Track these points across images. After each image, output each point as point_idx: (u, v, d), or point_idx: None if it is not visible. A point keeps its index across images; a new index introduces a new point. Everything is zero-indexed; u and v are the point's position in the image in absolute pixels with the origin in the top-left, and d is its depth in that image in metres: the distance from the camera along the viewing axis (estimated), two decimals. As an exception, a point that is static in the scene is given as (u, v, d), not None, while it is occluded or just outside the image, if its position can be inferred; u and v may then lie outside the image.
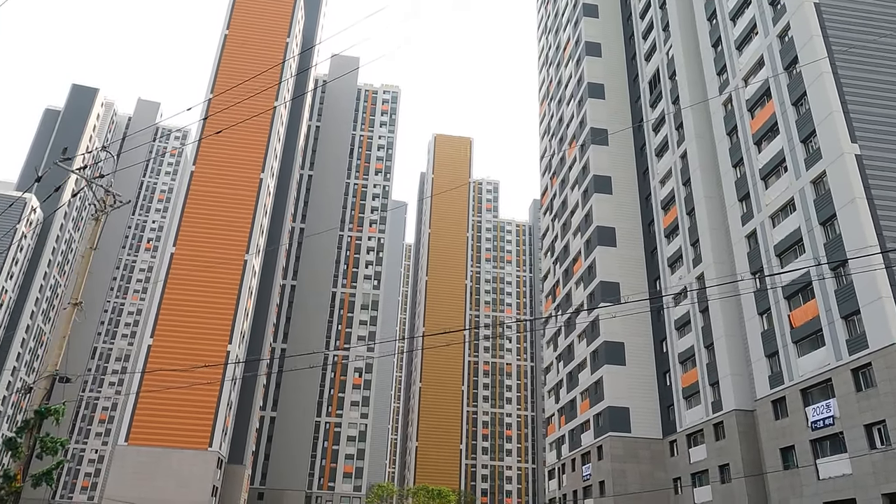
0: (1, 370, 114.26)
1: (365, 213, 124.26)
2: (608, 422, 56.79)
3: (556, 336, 74.10)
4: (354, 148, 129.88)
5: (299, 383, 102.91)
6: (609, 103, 71.07)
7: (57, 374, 21.67)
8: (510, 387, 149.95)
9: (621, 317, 58.95)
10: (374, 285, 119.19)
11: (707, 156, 54.84)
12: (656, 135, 63.68)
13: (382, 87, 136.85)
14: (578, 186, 71.29)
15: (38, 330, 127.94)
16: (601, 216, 65.03)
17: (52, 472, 21.32)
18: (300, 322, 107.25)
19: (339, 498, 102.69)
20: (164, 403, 71.37)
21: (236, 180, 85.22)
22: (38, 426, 20.91)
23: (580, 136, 72.74)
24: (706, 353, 50.76)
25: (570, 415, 66.96)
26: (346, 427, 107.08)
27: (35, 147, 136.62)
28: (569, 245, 73.03)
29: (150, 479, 69.08)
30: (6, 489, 19.62)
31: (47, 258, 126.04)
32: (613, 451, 55.61)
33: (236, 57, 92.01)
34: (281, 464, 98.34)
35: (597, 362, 60.83)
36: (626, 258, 63.37)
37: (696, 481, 50.35)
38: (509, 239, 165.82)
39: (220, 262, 79.03)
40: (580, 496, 61.70)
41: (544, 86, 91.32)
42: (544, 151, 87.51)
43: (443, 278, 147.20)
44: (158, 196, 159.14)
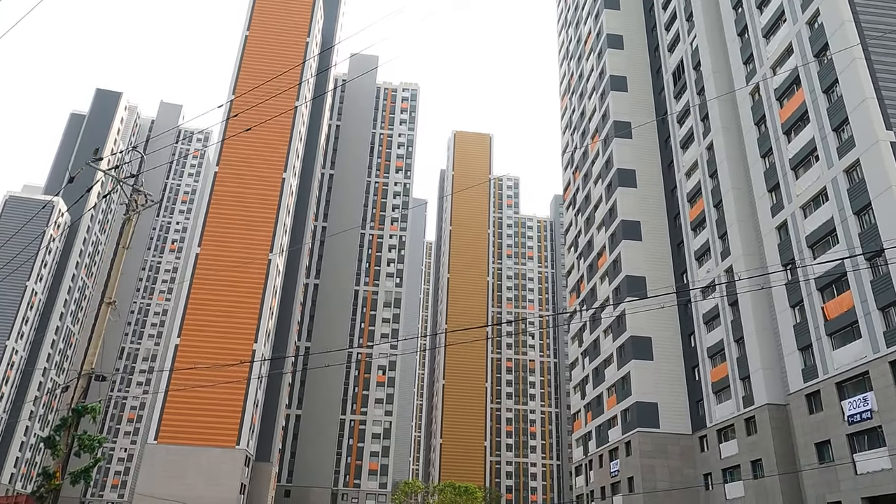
0: (32, 371, 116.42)
1: (386, 211, 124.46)
2: (636, 417, 56.21)
3: (581, 332, 73.56)
4: (375, 146, 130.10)
5: (324, 381, 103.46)
6: (632, 96, 70.28)
7: (93, 373, 21.89)
8: (533, 383, 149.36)
9: (648, 311, 58.21)
10: (397, 283, 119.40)
11: (734, 147, 53.97)
12: (681, 127, 62.85)
13: (402, 84, 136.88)
14: (602, 180, 70.63)
15: (67, 331, 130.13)
16: (626, 210, 64.36)
17: (90, 469, 21.59)
18: (324, 320, 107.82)
19: (366, 495, 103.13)
20: (192, 402, 72.16)
21: (259, 180, 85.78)
22: (76, 424, 21.14)
23: (603, 130, 72.05)
24: (736, 347, 50.00)
25: (597, 411, 66.43)
26: (371, 424, 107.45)
27: (61, 151, 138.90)
28: (593, 240, 72.41)
29: (180, 476, 69.91)
30: (46, 487, 19.86)
31: (75, 260, 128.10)
32: (642, 446, 55.03)
33: (257, 58, 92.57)
34: (307, 461, 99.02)
35: (624, 357, 60.26)
36: (652, 252, 62.63)
37: (727, 477, 49.64)
38: (530, 235, 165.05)
39: (244, 261, 79.64)
40: (608, 492, 61.20)
41: (565, 80, 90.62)
42: (566, 146, 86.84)
43: (465, 275, 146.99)
44: (182, 197, 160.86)
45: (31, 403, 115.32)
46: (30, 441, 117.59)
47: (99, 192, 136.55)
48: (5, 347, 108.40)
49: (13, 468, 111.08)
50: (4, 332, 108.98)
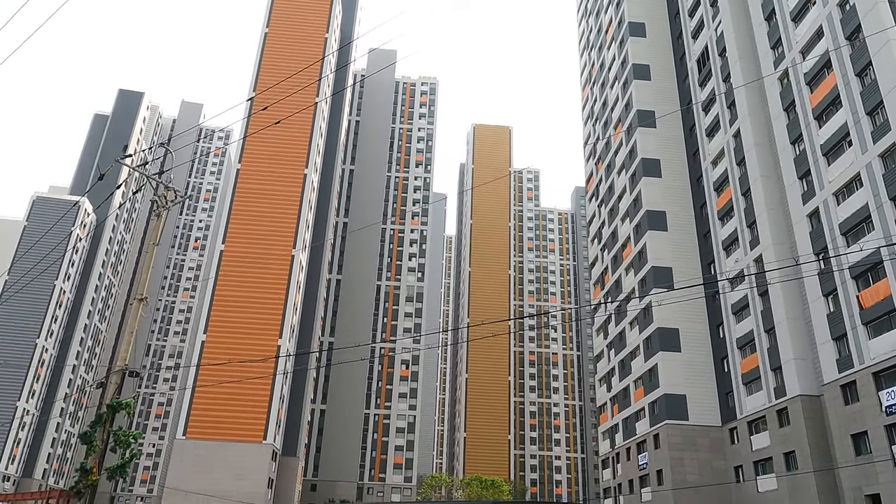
0: (62, 368, 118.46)
1: (407, 206, 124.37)
2: (664, 409, 55.59)
3: (607, 324, 72.92)
4: (394, 141, 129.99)
5: (348, 376, 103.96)
6: (655, 84, 69.28)
7: (126, 369, 22.00)
8: (556, 376, 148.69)
9: (675, 302, 57.55)
10: (419, 277, 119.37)
11: (762, 133, 52.94)
12: (706, 114, 61.83)
13: (420, 79, 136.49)
14: (626, 171, 69.79)
15: (95, 329, 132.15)
16: (651, 200, 63.55)
17: (125, 465, 21.71)
18: (346, 316, 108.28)
19: (391, 489, 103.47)
20: (219, 398, 72.82)
21: (281, 177, 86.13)
22: (111, 420, 21.28)
23: (626, 119, 71.16)
24: (767, 338, 49.13)
25: (624, 403, 65.84)
26: (395, 418, 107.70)
27: (86, 152, 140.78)
28: (617, 231, 71.65)
29: (208, 471, 70.66)
30: (84, 482, 20.00)
31: (101, 259, 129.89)
32: (670, 439, 54.43)
33: (277, 54, 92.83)
34: (332, 455, 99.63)
35: (650, 349, 59.60)
36: (678, 242, 61.80)
37: (759, 469, 48.89)
38: (551, 227, 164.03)
39: (268, 257, 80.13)
40: (636, 485, 60.67)
41: (586, 70, 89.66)
42: (588, 136, 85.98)
43: (486, 269, 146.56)
44: (204, 196, 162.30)
45: (62, 401, 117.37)
46: (61, 438, 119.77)
47: (124, 192, 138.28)
48: (35, 345, 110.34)
49: (45, 464, 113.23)
50: (35, 330, 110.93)
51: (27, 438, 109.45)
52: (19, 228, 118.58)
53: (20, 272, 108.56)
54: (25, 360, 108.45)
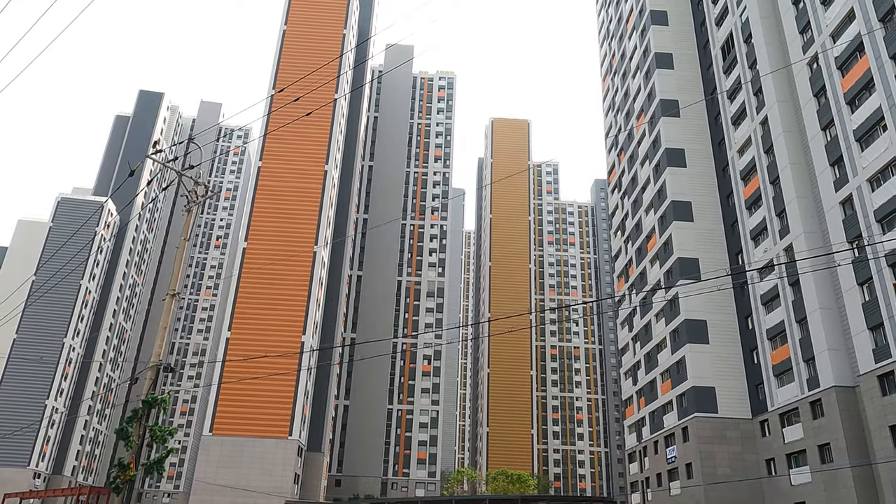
0: (89, 367, 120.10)
1: (426, 201, 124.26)
2: (693, 402, 54.86)
3: (632, 316, 72.16)
4: (413, 136, 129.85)
5: (370, 372, 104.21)
6: (678, 73, 68.26)
7: (161, 364, 22.03)
8: (579, 370, 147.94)
9: (702, 294, 56.75)
10: (439, 272, 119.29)
11: (791, 120, 51.88)
12: (731, 102, 60.76)
13: (438, 73, 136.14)
14: (649, 161, 68.90)
15: (120, 328, 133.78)
16: (675, 190, 62.67)
17: (162, 460, 21.76)
18: (368, 312, 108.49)
19: (415, 484, 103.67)
20: (245, 394, 73.30)
21: (302, 173, 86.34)
22: (147, 415, 21.32)
23: (649, 109, 70.23)
24: (798, 329, 48.21)
25: (650, 396, 65.15)
26: (418, 414, 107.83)
27: (108, 153, 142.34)
28: (641, 222, 70.82)
29: (236, 467, 71.23)
30: (121, 478, 20.05)
31: (125, 259, 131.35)
32: (700, 432, 53.71)
33: (295, 52, 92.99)
34: (356, 451, 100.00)
35: (678, 341, 58.85)
36: (704, 233, 60.89)
37: (791, 462, 48.06)
38: (571, 221, 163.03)
39: (290, 254, 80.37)
40: (665, 479, 60.01)
41: (606, 60, 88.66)
42: (609, 128, 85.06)
43: (506, 263, 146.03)
44: (225, 194, 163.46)
45: (90, 399, 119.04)
46: (89, 435, 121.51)
47: (146, 192, 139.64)
48: (63, 345, 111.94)
49: (75, 461, 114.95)
50: (62, 329, 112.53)
51: (56, 436, 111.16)
52: (45, 230, 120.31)
53: (46, 273, 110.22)
54: (53, 359, 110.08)
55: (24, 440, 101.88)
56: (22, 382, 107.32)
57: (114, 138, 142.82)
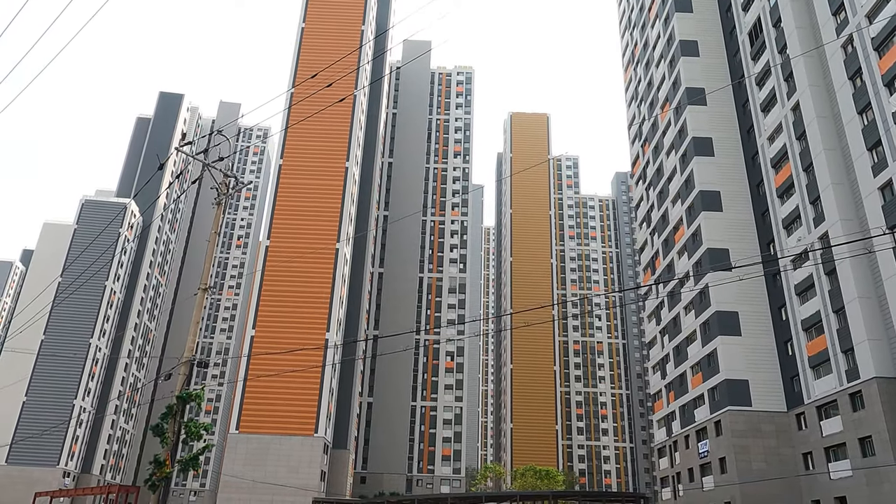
0: (115, 367, 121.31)
1: (447, 197, 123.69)
2: (725, 395, 53.73)
3: (659, 309, 71.00)
4: (431, 132, 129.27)
5: (393, 369, 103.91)
6: (704, 61, 66.94)
7: (194, 359, 21.69)
8: (602, 365, 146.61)
9: (733, 285, 55.57)
10: (461, 268, 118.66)
11: (824, 105, 50.50)
12: (760, 89, 59.37)
13: (456, 68, 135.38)
14: (675, 151, 67.67)
15: (145, 327, 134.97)
16: (703, 180, 61.44)
17: (198, 456, 21.42)
18: (390, 308, 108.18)
19: (440, 481, 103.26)
20: (270, 392, 73.32)
21: (323, 170, 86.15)
22: (182, 411, 20.98)
23: (674, 98, 68.97)
24: (835, 319, 46.93)
25: (680, 390, 64.02)
26: (442, 410, 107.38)
27: (130, 154, 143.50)
28: (667, 213, 69.62)
29: (262, 464, 71.28)
30: (157, 474, 19.74)
31: (148, 259, 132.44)
32: (733, 426, 52.58)
33: (314, 48, 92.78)
34: (380, 448, 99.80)
35: (708, 334, 57.70)
36: (734, 223, 59.65)
37: (830, 456, 46.82)
38: (592, 215, 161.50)
39: (313, 251, 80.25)
40: (697, 474, 58.92)
41: (628, 50, 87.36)
42: (632, 118, 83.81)
43: (527, 258, 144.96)
44: (245, 194, 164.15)
45: (117, 398, 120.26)
46: (116, 434, 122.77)
47: (168, 194, 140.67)
48: (90, 345, 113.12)
49: (103, 460, 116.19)
50: (88, 330, 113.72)
51: (85, 435, 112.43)
52: (70, 232, 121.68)
53: (72, 274, 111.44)
54: (80, 359, 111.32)
55: (53, 440, 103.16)
56: (50, 383, 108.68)
57: (135, 140, 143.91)
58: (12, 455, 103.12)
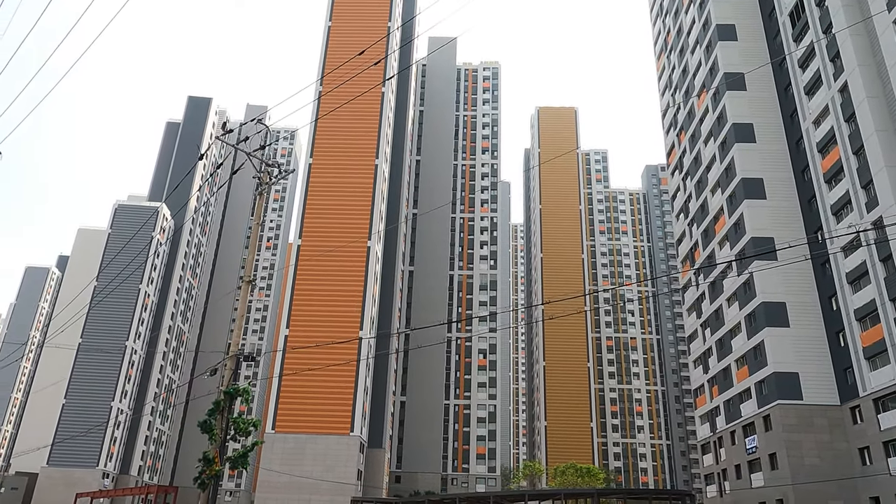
0: (151, 369, 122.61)
1: (475, 194, 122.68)
2: (775, 389, 51.86)
3: (700, 302, 69.10)
4: (459, 129, 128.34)
5: (425, 367, 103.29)
6: (742, 44, 64.95)
7: (241, 353, 21.04)
8: (636, 361, 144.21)
9: (779, 275, 53.70)
10: (491, 265, 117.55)
11: (874, 85, 48.39)
12: (804, 71, 57.27)
13: (482, 64, 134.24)
14: (714, 139, 65.77)
15: (178, 329, 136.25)
16: (745, 167, 59.52)
17: (247, 454, 20.76)
18: (421, 306, 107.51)
19: (475, 479, 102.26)
20: (306, 391, 73.08)
21: (352, 168, 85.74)
22: (229, 407, 20.35)
23: (711, 85, 67.04)
24: (892, 307, 44.85)
25: (724, 384, 62.14)
26: (476, 408, 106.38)
27: (161, 160, 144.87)
28: (707, 203, 67.71)
29: (299, 464, 71.03)
30: (207, 472, 19.10)
31: (180, 262, 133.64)
32: (784, 420, 50.72)
33: (341, 46, 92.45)
34: (414, 447, 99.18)
35: (754, 326, 55.82)
36: (779, 210, 57.66)
37: (890, 451, 44.77)
38: (623, 209, 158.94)
39: (344, 250, 79.86)
40: (744, 470, 57.06)
41: (660, 38, 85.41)
42: (666, 107, 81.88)
43: (558, 254, 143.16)
44: (274, 196, 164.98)
45: (153, 400, 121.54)
46: (153, 435, 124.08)
47: (198, 197, 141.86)
48: (125, 347, 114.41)
49: (140, 461, 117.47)
50: (124, 332, 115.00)
51: (122, 437, 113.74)
52: (103, 237, 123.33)
53: (107, 278, 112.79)
54: (117, 361, 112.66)
55: (92, 441, 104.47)
56: (88, 385, 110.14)
57: (166, 144, 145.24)
58: (53, 456, 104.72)
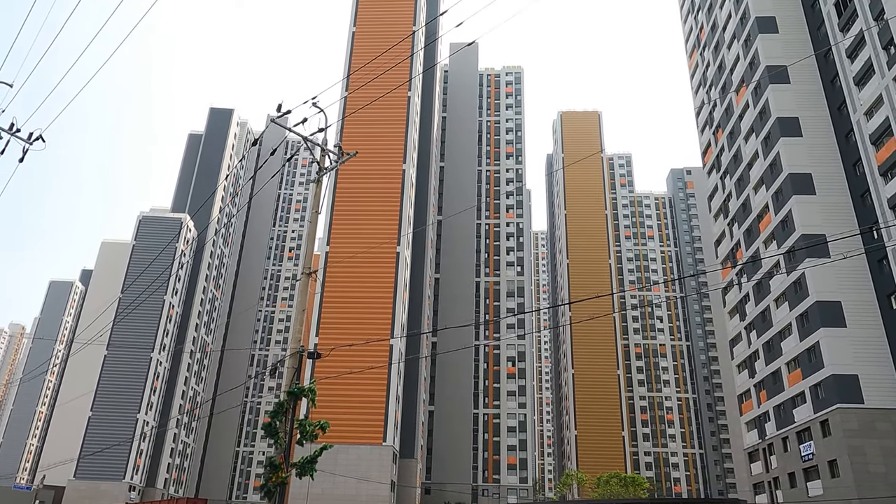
0: (175, 381, 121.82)
1: (500, 200, 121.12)
2: (833, 392, 49.39)
3: (743, 304, 66.68)
4: (482, 134, 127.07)
5: (454, 376, 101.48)
6: (783, 36, 62.91)
7: (303, 350, 19.50)
8: (666, 369, 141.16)
9: (833, 273, 51.41)
10: (518, 271, 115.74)
11: (934, 71, 46.19)
12: (853, 61, 55.11)
13: (504, 69, 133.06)
14: (756, 134, 63.64)
15: (202, 341, 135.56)
16: (792, 162, 57.32)
17: (315, 459, 19.16)
18: (447, 314, 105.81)
19: (506, 490, 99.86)
20: (337, 400, 71.40)
21: (380, 173, 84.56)
22: (294, 408, 18.79)
23: (751, 79, 65.00)
24: (962, 303, 42.46)
25: (773, 389, 59.63)
26: (505, 418, 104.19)
27: (183, 171, 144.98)
28: (749, 201, 65.47)
29: (330, 474, 69.18)
30: (274, 480, 17.51)
31: (204, 273, 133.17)
32: (845, 425, 48.20)
33: (365, 51, 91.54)
34: (444, 457, 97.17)
35: (807, 326, 53.41)
36: (829, 206, 55.33)
37: (964, 456, 42.22)
38: (648, 214, 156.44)
39: (373, 256, 78.47)
40: (799, 479, 54.43)
41: (692, 35, 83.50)
42: (701, 105, 79.83)
43: (584, 260, 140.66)
44: (295, 206, 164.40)
45: (178, 412, 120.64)
46: (178, 448, 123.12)
47: (221, 208, 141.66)
48: (151, 359, 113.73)
49: (166, 473, 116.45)
50: (149, 344, 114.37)
51: (148, 449, 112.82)
52: (127, 249, 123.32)
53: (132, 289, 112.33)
54: (143, 373, 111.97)
55: (118, 454, 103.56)
56: (114, 398, 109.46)
57: (188, 156, 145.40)
58: (80, 469, 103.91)
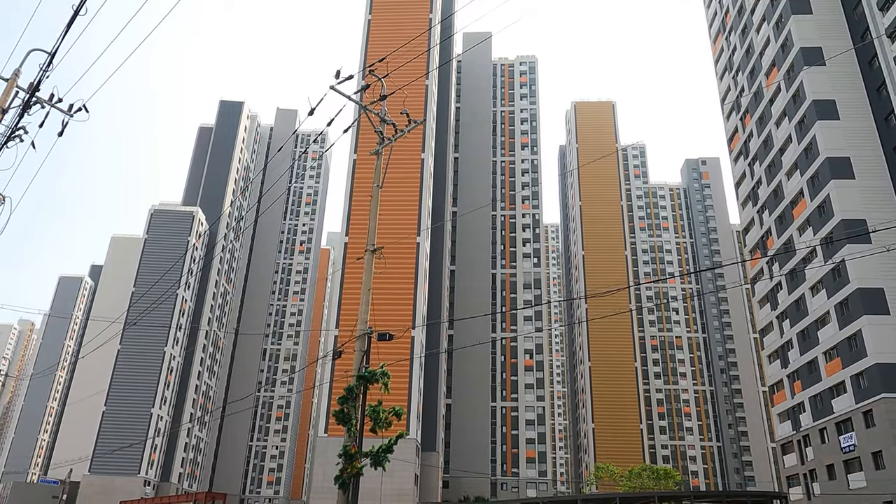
0: (189, 374, 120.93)
1: (516, 190, 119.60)
2: (878, 381, 47.94)
3: (774, 293, 65.15)
4: (497, 125, 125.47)
5: (471, 369, 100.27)
6: (818, 17, 61.17)
7: (370, 331, 18.19)
8: (682, 361, 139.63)
9: (875, 259, 49.83)
10: (534, 263, 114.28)
11: (984, 48, 44.53)
12: (893, 42, 53.41)
13: (518, 58, 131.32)
14: (788, 118, 62.00)
15: (214, 335, 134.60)
16: (830, 146, 55.72)
17: (390, 449, 17.85)
18: (464, 306, 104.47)
19: (525, 483, 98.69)
20: (358, 393, 70.25)
21: (398, 162, 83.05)
22: (364, 394, 17.49)
23: (783, 62, 63.29)
24: None
25: (809, 379, 58.17)
26: (524, 410, 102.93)
27: (194, 165, 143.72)
28: (780, 187, 63.89)
29: (353, 469, 68.17)
30: (349, 470, 16.21)
31: (216, 267, 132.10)
32: (890, 415, 46.76)
33: (382, 39, 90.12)
34: (462, 451, 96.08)
35: (847, 314, 51.92)
36: (869, 190, 53.77)
37: None
38: (663, 205, 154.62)
39: (393, 247, 77.12)
40: (839, 471, 53.02)
41: (717, 19, 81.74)
42: (726, 91, 78.12)
43: (600, 252, 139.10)
44: (305, 200, 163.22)
45: (191, 406, 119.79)
46: (192, 442, 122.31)
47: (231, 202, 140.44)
48: (164, 353, 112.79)
49: (180, 468, 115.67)
50: (163, 338, 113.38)
51: (162, 444, 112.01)
52: (138, 244, 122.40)
53: (143, 284, 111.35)
54: (156, 368, 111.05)
55: (133, 449, 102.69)
56: (128, 393, 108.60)
57: (199, 150, 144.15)
58: (94, 464, 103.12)
